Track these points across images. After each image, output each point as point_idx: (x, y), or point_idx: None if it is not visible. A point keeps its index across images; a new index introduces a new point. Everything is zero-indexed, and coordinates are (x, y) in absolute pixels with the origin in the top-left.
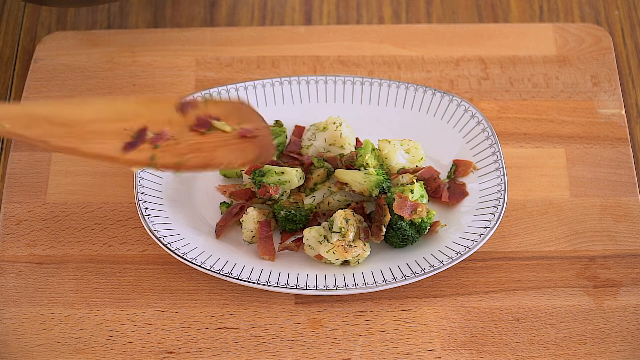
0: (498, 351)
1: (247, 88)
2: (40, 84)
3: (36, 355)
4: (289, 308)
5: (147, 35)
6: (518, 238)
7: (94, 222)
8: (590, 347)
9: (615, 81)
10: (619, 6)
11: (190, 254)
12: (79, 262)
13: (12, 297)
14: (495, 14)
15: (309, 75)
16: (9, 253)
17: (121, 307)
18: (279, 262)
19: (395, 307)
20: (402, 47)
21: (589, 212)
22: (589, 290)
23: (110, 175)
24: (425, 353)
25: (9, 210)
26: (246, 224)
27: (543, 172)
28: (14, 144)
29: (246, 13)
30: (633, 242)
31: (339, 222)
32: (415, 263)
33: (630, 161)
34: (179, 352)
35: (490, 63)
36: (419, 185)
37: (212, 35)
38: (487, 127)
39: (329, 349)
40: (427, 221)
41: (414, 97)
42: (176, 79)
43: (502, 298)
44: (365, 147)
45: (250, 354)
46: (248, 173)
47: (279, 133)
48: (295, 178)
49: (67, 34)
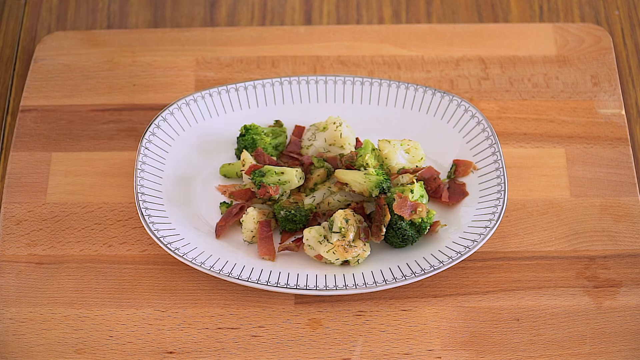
0: (498, 351)
1: (247, 88)
2: (40, 84)
3: (36, 355)
4: (289, 308)
5: (147, 35)
6: (518, 238)
7: (94, 222)
8: (590, 347)
9: (615, 81)
10: (619, 6)
11: (190, 254)
12: (79, 262)
13: (12, 297)
14: (495, 14)
15: (309, 75)
16: (9, 253)
17: (121, 307)
18: (279, 262)
19: (395, 307)
20: (402, 47)
21: (589, 212)
22: (589, 290)
23: (110, 175)
24: (425, 353)
25: (9, 210)
26: (246, 224)
27: (543, 172)
28: (14, 143)
29: (246, 13)
30: (633, 242)
31: (339, 222)
32: (415, 263)
33: (630, 161)
34: (179, 352)
35: (490, 63)
36: (419, 185)
37: (212, 35)
38: (487, 127)
39: (329, 349)
40: (427, 221)
41: (414, 97)
42: (176, 79)
43: (502, 298)
44: (365, 147)
45: (250, 354)
46: (248, 173)
47: (279, 133)
48: (295, 178)
49: (67, 34)
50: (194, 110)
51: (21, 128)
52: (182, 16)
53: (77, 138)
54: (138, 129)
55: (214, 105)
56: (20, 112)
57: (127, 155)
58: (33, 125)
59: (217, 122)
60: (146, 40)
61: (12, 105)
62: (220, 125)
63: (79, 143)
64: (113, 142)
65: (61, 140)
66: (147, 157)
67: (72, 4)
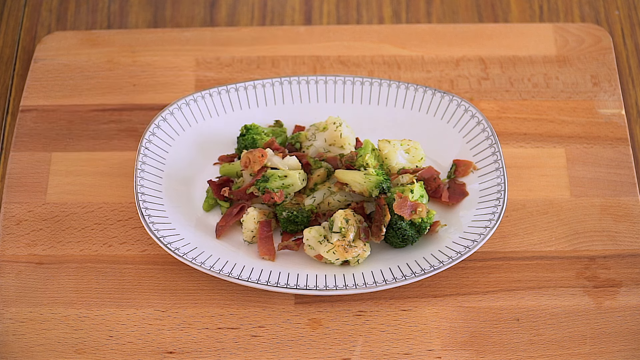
0: (498, 351)
1: (247, 88)
2: (40, 84)
3: (36, 355)
4: (289, 308)
5: (147, 35)
6: (518, 238)
7: (94, 222)
8: (590, 347)
9: (615, 81)
10: (619, 6)
11: (190, 254)
12: (79, 262)
13: (12, 297)
14: (495, 14)
15: (309, 75)
16: (9, 253)
17: (121, 307)
18: (279, 262)
19: (395, 307)
20: (402, 47)
21: (589, 212)
22: (589, 290)
23: (110, 175)
24: (425, 353)
25: (9, 210)
26: (246, 224)
27: (543, 172)
28: (14, 143)
29: (246, 13)
30: (633, 242)
31: (339, 222)
32: (415, 263)
33: (630, 161)
34: (179, 352)
35: (490, 63)
36: (419, 185)
37: (212, 35)
38: (487, 127)
39: (329, 349)
40: (427, 221)
41: (414, 97)
42: (176, 79)
43: (502, 298)
44: (365, 147)
45: (250, 354)
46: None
47: (279, 133)
48: (299, 181)
49: (67, 34)
50: (194, 110)
51: (21, 128)
52: (182, 16)
53: (77, 138)
54: (138, 129)
55: (214, 105)
56: (20, 112)
57: (127, 155)
58: (33, 125)
59: (217, 122)
60: (146, 40)
61: (12, 105)
62: (220, 125)
63: (79, 143)
64: (113, 142)
65: (61, 140)
66: (147, 157)
67: (72, 4)
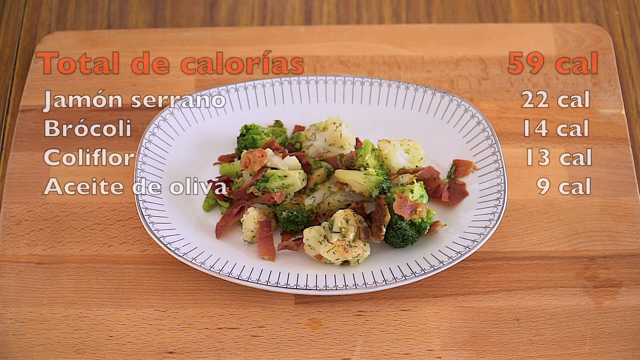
0: (498, 351)
1: (247, 88)
2: (40, 84)
3: (36, 355)
4: (289, 308)
5: (147, 35)
6: (518, 238)
7: (94, 222)
8: (590, 347)
9: (615, 81)
10: (619, 6)
11: (190, 254)
12: (79, 262)
13: (12, 297)
14: (495, 14)
15: (309, 75)
16: (9, 253)
17: (121, 307)
18: (279, 262)
19: (395, 307)
20: (402, 47)
21: (589, 212)
22: (589, 290)
23: (110, 175)
24: (425, 353)
25: (9, 210)
26: (246, 224)
27: (543, 172)
28: (14, 143)
29: (246, 13)
30: (633, 242)
31: (339, 222)
32: (415, 263)
33: (630, 161)
34: (179, 352)
35: (490, 63)
36: (419, 185)
37: (212, 35)
38: (487, 127)
39: (329, 349)
40: (427, 221)
41: (414, 97)
42: (176, 79)
43: (502, 298)
44: (365, 147)
45: (250, 354)
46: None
47: (279, 133)
48: (299, 181)
49: (67, 34)
50: (194, 110)
51: (21, 128)
52: (182, 16)
53: (77, 138)
54: (138, 129)
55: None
56: (20, 112)
57: (127, 155)
58: (33, 125)
59: (217, 122)
60: (146, 40)
61: (12, 105)
62: (220, 125)
63: (79, 143)
64: (113, 142)
65: (61, 140)
66: (147, 157)
67: (72, 4)
